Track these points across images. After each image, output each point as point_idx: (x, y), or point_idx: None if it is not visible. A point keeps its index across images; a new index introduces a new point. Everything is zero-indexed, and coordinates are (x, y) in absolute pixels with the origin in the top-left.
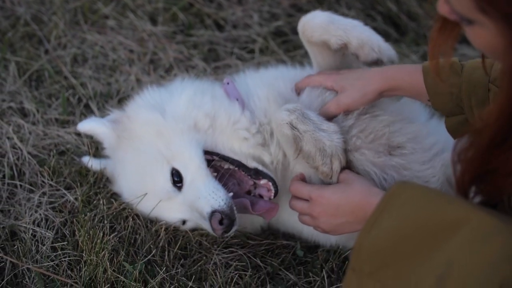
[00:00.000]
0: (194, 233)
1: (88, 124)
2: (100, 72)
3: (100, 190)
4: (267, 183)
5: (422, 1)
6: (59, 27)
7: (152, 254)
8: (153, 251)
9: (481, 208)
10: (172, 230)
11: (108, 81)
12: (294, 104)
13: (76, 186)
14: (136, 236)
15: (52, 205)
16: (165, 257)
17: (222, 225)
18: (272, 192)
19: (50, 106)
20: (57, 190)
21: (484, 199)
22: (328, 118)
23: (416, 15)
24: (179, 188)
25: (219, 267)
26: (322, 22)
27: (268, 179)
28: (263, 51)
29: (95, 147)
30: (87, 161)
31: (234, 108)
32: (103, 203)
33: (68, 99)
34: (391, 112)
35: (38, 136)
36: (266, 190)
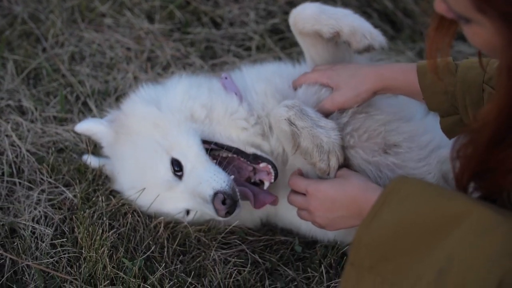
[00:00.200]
0: (193, 229)
1: (85, 125)
2: (97, 70)
3: (98, 187)
4: (266, 166)
5: None
6: (56, 25)
7: (151, 250)
8: (152, 248)
9: (481, 203)
10: (171, 226)
11: (105, 79)
12: (292, 100)
13: (75, 183)
14: (135, 232)
15: (51, 202)
16: (164, 253)
17: (225, 205)
18: (272, 175)
19: (48, 104)
20: (56, 187)
21: (483, 195)
22: (323, 116)
23: (411, 12)
24: (179, 177)
25: (218, 263)
26: (313, 13)
27: (267, 162)
28: (260, 49)
29: (93, 145)
30: (86, 159)
31: (231, 100)
32: (102, 200)
33: (66, 97)
34: (388, 112)
35: (37, 134)
36: (266, 173)
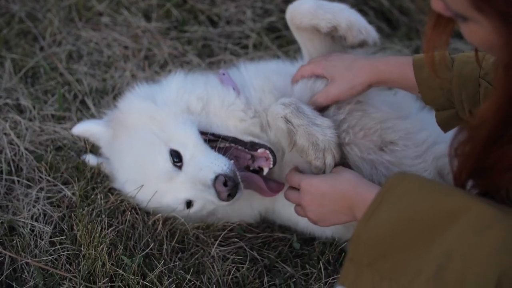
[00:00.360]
0: (191, 226)
1: (82, 126)
2: (95, 69)
3: (97, 185)
4: (264, 151)
5: None
6: (54, 24)
7: (150, 248)
8: (151, 245)
9: (479, 199)
10: (170, 223)
11: (103, 77)
12: (289, 98)
13: (73, 181)
14: (133, 230)
15: (50, 200)
16: (163, 250)
17: (227, 186)
18: (271, 160)
19: (46, 102)
20: (54, 185)
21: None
22: (318, 109)
23: (408, 10)
24: (179, 168)
25: (217, 260)
26: (310, 7)
27: (265, 148)
28: (257, 47)
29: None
30: (86, 158)
31: (228, 93)
32: (101, 197)
33: (64, 95)
34: (384, 110)
35: (35, 132)
36: (265, 159)
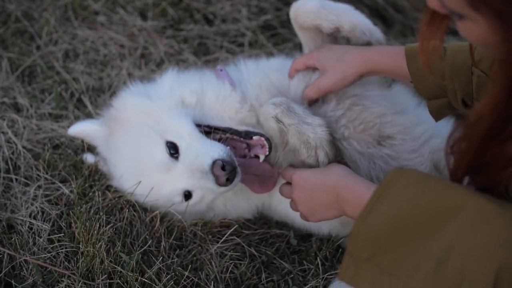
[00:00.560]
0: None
1: (78, 127)
2: (92, 67)
3: (95, 183)
4: (260, 138)
5: None
6: (50, 23)
7: (148, 245)
8: (149, 242)
9: (478, 194)
10: (167, 221)
11: (100, 75)
12: (280, 98)
13: (71, 179)
14: (131, 227)
15: (48, 198)
16: (160, 247)
17: (225, 171)
18: (266, 147)
19: (43, 101)
20: (52, 183)
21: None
22: (312, 101)
23: (402, 8)
24: (176, 159)
25: (214, 257)
26: (314, 8)
27: (260, 135)
28: (252, 45)
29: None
30: (84, 156)
31: (223, 87)
32: (98, 195)
33: (60, 94)
34: (383, 105)
35: (32, 130)
36: (260, 147)
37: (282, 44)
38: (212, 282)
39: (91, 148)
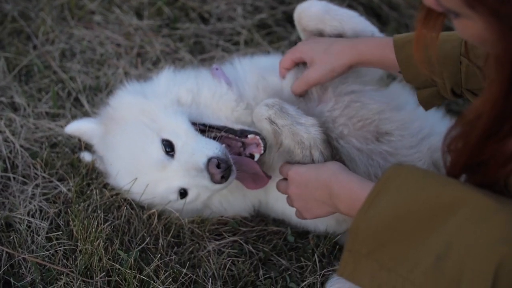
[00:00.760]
0: (185, 221)
1: (75, 125)
2: (88, 66)
3: (92, 181)
4: (255, 137)
5: None
6: (46, 23)
7: (146, 242)
8: (146, 240)
9: (477, 190)
10: (165, 218)
11: (96, 74)
12: (273, 99)
13: (68, 178)
14: (129, 225)
15: (46, 196)
16: (158, 245)
17: (220, 168)
18: (261, 146)
19: (41, 100)
20: (50, 181)
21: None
22: (301, 94)
23: (397, 5)
24: (172, 156)
25: (212, 254)
26: (317, 12)
27: (254, 134)
28: (248, 43)
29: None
30: (81, 155)
31: (219, 85)
32: (96, 193)
33: (57, 93)
34: (381, 101)
35: (30, 129)
36: (255, 146)
37: (278, 42)
38: (210, 279)
39: (88, 147)
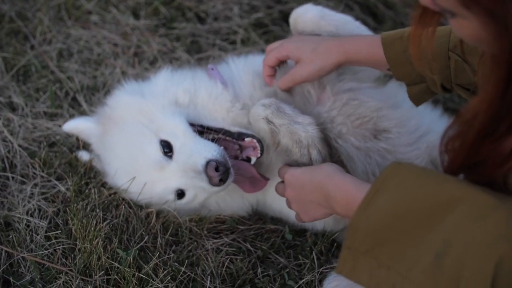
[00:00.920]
0: (183, 219)
1: (72, 123)
2: (86, 66)
3: (90, 180)
4: (252, 140)
5: None
6: (43, 23)
7: (144, 241)
8: (145, 238)
9: (476, 187)
10: (163, 217)
11: (94, 74)
12: (269, 99)
13: (67, 177)
14: (127, 224)
15: (44, 195)
16: (157, 243)
17: (218, 171)
18: (258, 149)
19: (38, 100)
20: (48, 181)
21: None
22: (286, 90)
23: (393, 4)
24: (170, 157)
25: (210, 252)
26: (313, 18)
27: (252, 137)
28: (245, 42)
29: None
30: (78, 154)
31: (215, 86)
32: (94, 192)
33: (55, 93)
34: (379, 99)
35: (28, 129)
36: (252, 149)
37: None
38: (209, 277)
39: (86, 146)
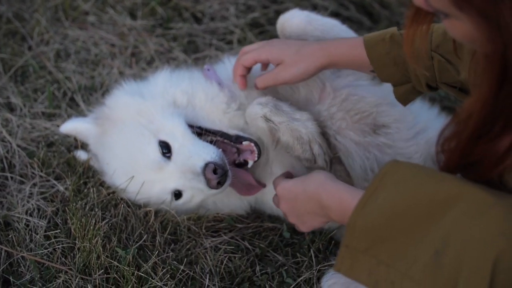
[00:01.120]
0: (181, 218)
1: (70, 124)
2: (83, 66)
3: (89, 180)
4: (249, 144)
5: None
6: (41, 24)
7: (143, 239)
8: (144, 237)
9: (474, 184)
10: (161, 216)
11: (91, 74)
12: (265, 97)
13: (65, 176)
14: (126, 222)
15: (43, 195)
16: (156, 242)
17: (216, 174)
18: (256, 153)
19: (36, 100)
20: (47, 180)
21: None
22: (262, 89)
23: (388, 3)
24: (168, 158)
25: (209, 251)
26: (299, 23)
27: (249, 141)
28: (241, 42)
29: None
30: (76, 154)
31: (211, 87)
32: (93, 191)
33: (53, 93)
34: (378, 95)
35: (26, 129)
36: (250, 152)
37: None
38: (207, 275)
39: (84, 146)
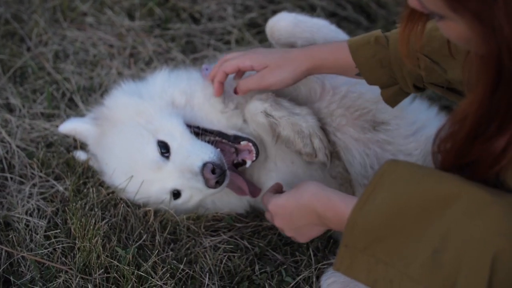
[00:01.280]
0: (181, 218)
1: (69, 125)
2: (82, 67)
3: (88, 180)
4: (247, 144)
5: None
6: (39, 25)
7: (143, 239)
8: (143, 237)
9: (472, 183)
10: (161, 215)
11: (90, 75)
12: (264, 93)
13: (65, 177)
14: (126, 222)
15: (43, 195)
16: (155, 241)
17: (215, 174)
18: (254, 152)
19: (35, 101)
20: (46, 181)
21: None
22: (242, 94)
23: (385, 3)
24: (167, 158)
25: (208, 250)
26: (287, 26)
27: (247, 141)
28: (239, 42)
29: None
30: (77, 155)
31: (209, 87)
32: (93, 191)
33: (52, 94)
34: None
35: (26, 130)
36: (248, 152)
37: (268, 41)
38: (207, 274)
39: (83, 146)
